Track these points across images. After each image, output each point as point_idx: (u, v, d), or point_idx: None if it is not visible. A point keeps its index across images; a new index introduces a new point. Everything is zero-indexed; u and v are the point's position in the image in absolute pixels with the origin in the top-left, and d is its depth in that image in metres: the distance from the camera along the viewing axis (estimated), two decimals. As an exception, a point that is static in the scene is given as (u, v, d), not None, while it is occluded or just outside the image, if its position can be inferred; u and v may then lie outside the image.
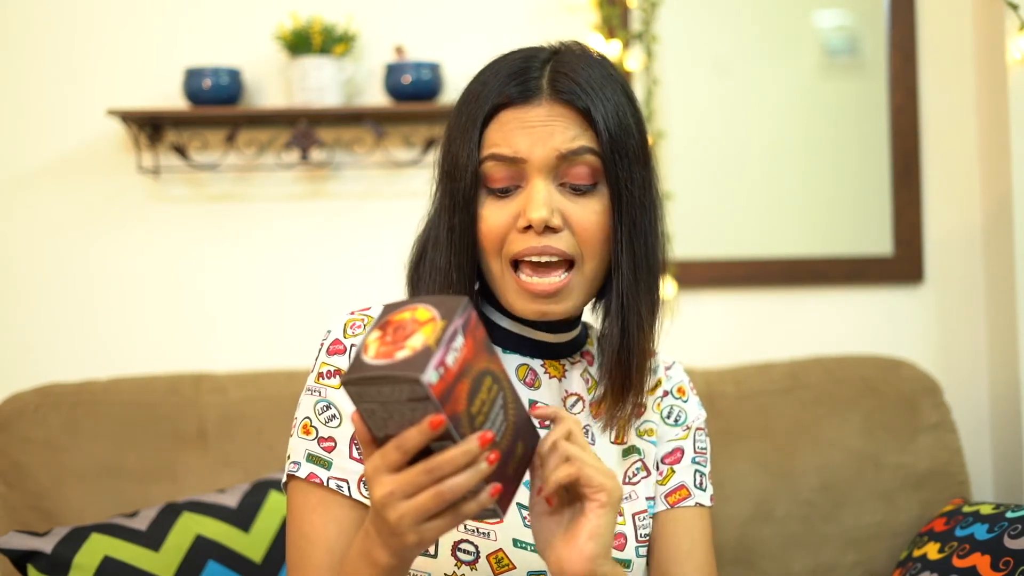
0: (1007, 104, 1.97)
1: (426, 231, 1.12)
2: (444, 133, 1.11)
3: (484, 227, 1.05)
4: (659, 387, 1.20)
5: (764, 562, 1.80)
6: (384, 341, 0.82)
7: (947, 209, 2.14)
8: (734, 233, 2.14)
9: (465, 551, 1.04)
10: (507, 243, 1.05)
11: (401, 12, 2.12)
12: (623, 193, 1.06)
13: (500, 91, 1.06)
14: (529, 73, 1.06)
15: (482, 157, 1.05)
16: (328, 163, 2.11)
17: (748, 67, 2.14)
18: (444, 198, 1.09)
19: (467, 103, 1.08)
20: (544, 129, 1.04)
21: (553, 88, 1.05)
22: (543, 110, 1.05)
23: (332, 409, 1.07)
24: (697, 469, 1.18)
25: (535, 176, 1.04)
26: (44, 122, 2.10)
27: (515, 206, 1.05)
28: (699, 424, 1.21)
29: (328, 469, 1.05)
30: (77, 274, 2.10)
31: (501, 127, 1.05)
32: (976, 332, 2.13)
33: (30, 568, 1.47)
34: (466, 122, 1.07)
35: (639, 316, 1.08)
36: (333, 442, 1.06)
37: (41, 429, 1.79)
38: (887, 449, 1.86)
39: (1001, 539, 1.47)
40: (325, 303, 2.10)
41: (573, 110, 1.05)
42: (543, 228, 1.02)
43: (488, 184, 1.06)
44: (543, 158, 1.03)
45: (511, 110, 1.05)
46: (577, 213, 1.05)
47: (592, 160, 1.05)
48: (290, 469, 1.07)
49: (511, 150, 1.04)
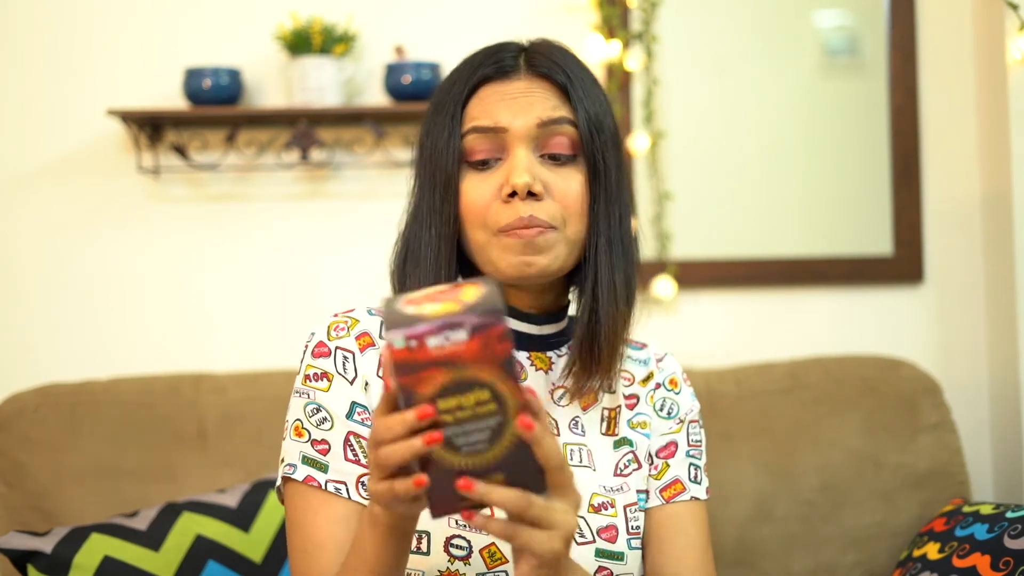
0: (1007, 104, 1.97)
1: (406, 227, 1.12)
2: (421, 128, 1.13)
3: (466, 200, 1.06)
4: (651, 379, 1.19)
5: (764, 562, 1.80)
6: (428, 297, 0.83)
7: (947, 209, 2.14)
8: (734, 233, 2.14)
9: (458, 546, 1.04)
10: (490, 214, 1.05)
11: (401, 12, 2.12)
12: (599, 167, 1.07)
13: (477, 70, 1.08)
14: (504, 54, 1.09)
15: (463, 132, 1.07)
16: (328, 163, 2.11)
17: (748, 67, 2.14)
18: (424, 185, 1.10)
19: (443, 91, 1.10)
20: (525, 99, 1.06)
21: (530, 64, 1.09)
22: (522, 83, 1.08)
23: (323, 412, 1.07)
24: (692, 462, 1.18)
25: (516, 145, 1.05)
26: (44, 122, 2.10)
27: (497, 177, 1.06)
28: (692, 416, 1.20)
29: (325, 472, 1.05)
30: (77, 274, 2.10)
31: (481, 102, 1.08)
32: (976, 332, 2.13)
33: (30, 568, 1.47)
34: (444, 105, 1.09)
35: (613, 287, 1.08)
36: (327, 445, 1.06)
37: (41, 429, 1.79)
38: (887, 449, 1.86)
39: (1001, 539, 1.47)
40: (325, 303, 2.10)
41: (551, 84, 1.08)
42: (526, 194, 1.03)
43: (469, 158, 1.07)
44: (524, 127, 1.05)
45: (490, 85, 1.08)
46: (558, 182, 1.06)
47: (571, 131, 1.07)
48: (285, 472, 1.07)
49: (492, 121, 1.06)
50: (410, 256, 1.10)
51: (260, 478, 1.73)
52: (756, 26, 2.15)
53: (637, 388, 1.18)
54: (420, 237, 1.09)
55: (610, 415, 1.16)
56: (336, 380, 1.08)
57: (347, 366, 1.09)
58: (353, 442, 1.06)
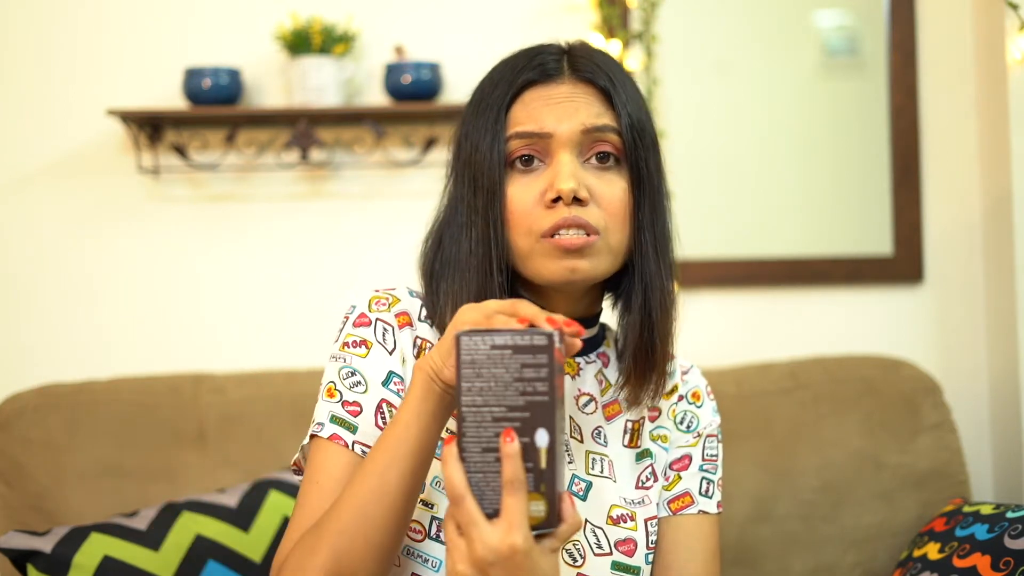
0: (1007, 104, 1.97)
1: (440, 226, 1.11)
2: (458, 128, 1.11)
3: (512, 205, 1.04)
4: (675, 392, 1.19)
5: (764, 562, 1.80)
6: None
7: (947, 209, 2.14)
8: (734, 233, 2.14)
9: None
10: (534, 220, 1.04)
11: (401, 12, 2.12)
12: (643, 174, 1.06)
13: (520, 74, 1.07)
14: (546, 56, 1.08)
15: (507, 136, 1.05)
16: (328, 163, 2.11)
17: (748, 67, 2.14)
18: (463, 187, 1.07)
19: (485, 93, 1.08)
20: (570, 104, 1.05)
21: (573, 68, 1.07)
22: (566, 87, 1.06)
23: (357, 376, 1.06)
24: (704, 476, 1.17)
25: (560, 150, 1.04)
26: (44, 122, 2.10)
27: (541, 182, 1.04)
28: (711, 431, 1.19)
29: (353, 433, 1.04)
30: (77, 274, 2.10)
31: (525, 106, 1.06)
32: (976, 332, 2.13)
33: (30, 568, 1.47)
34: (487, 108, 1.07)
35: (662, 296, 1.08)
36: (359, 407, 1.05)
37: (41, 429, 1.79)
38: (887, 449, 1.86)
39: (1001, 539, 1.47)
40: (325, 303, 2.10)
41: (595, 89, 1.06)
42: (571, 199, 1.02)
43: (512, 158, 1.05)
44: (569, 132, 1.04)
45: (534, 90, 1.06)
46: (602, 188, 1.05)
47: (614, 139, 1.06)
48: (313, 430, 1.05)
49: (537, 126, 1.04)
50: (445, 258, 1.08)
51: (260, 478, 1.73)
52: (756, 26, 2.15)
53: (660, 401, 1.17)
54: (458, 239, 1.07)
55: (634, 427, 1.15)
56: (375, 348, 1.08)
57: (387, 337, 1.09)
58: (385, 410, 1.05)
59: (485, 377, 0.84)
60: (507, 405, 0.84)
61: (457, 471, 0.83)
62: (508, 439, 0.82)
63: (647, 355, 1.09)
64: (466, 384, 0.84)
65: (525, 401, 0.84)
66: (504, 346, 0.84)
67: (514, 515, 0.82)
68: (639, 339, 1.08)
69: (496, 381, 0.84)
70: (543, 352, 0.84)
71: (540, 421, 0.84)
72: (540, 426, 0.83)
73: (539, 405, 0.84)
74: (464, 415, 0.83)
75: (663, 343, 1.09)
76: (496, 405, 0.84)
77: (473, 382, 0.84)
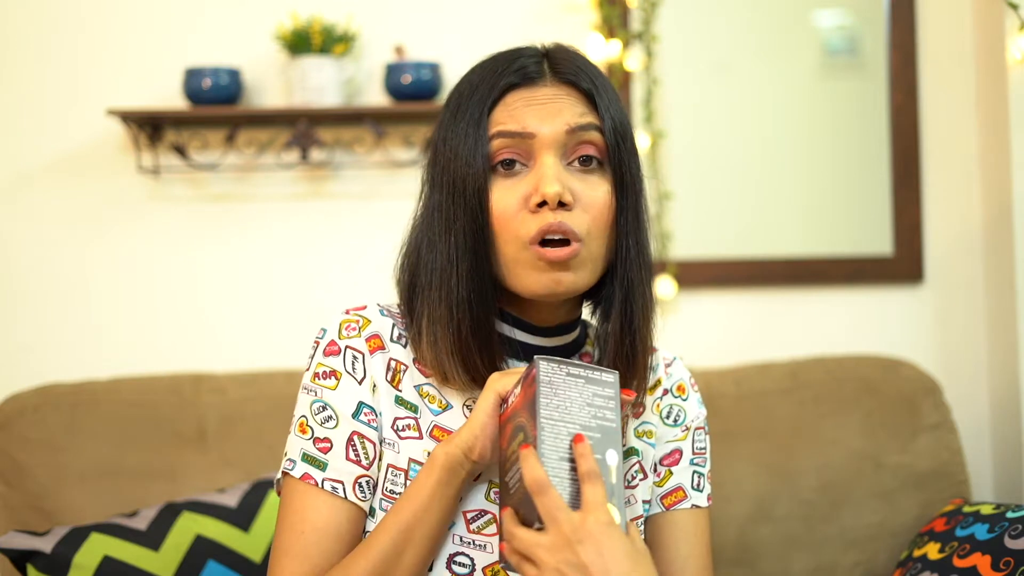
0: (1007, 104, 1.97)
1: (416, 237, 1.09)
2: (434, 133, 1.09)
3: (495, 210, 1.03)
4: (659, 386, 1.19)
5: (764, 562, 1.80)
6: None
7: (947, 209, 2.14)
8: (734, 233, 2.14)
9: (460, 564, 1.04)
10: (519, 225, 1.02)
11: (401, 12, 2.12)
12: (626, 178, 1.06)
13: (501, 78, 1.05)
14: (527, 60, 1.07)
15: (489, 136, 1.04)
16: (328, 163, 2.11)
17: (748, 67, 2.14)
18: (440, 194, 1.05)
19: (464, 98, 1.07)
20: (553, 105, 1.04)
21: (555, 71, 1.06)
22: (549, 89, 1.05)
23: (328, 410, 1.06)
24: (695, 470, 1.17)
25: (543, 153, 1.03)
26: (44, 122, 2.10)
27: (524, 186, 1.03)
28: (699, 423, 1.19)
29: (323, 470, 1.04)
30: (77, 274, 2.10)
31: (507, 108, 1.05)
32: (976, 332, 2.13)
33: (30, 568, 1.47)
34: (467, 112, 1.05)
35: (644, 300, 1.08)
36: (329, 443, 1.05)
37: (41, 429, 1.79)
38: (887, 449, 1.86)
39: (1002, 539, 1.47)
40: (325, 303, 2.10)
41: (577, 91, 1.06)
42: (556, 204, 1.01)
43: (494, 160, 1.04)
44: (553, 133, 1.03)
45: (516, 92, 1.05)
46: (586, 191, 1.04)
47: (597, 139, 1.05)
48: (285, 467, 1.06)
49: (519, 126, 1.03)
50: (423, 269, 1.06)
51: (260, 478, 1.73)
52: (756, 26, 2.15)
53: (644, 396, 1.17)
54: (436, 249, 1.05)
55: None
56: (344, 379, 1.07)
57: (356, 366, 1.08)
58: (356, 442, 1.05)
59: (561, 397, 0.92)
60: (581, 424, 0.91)
61: (538, 467, 0.88)
62: (582, 441, 0.90)
63: (628, 362, 1.08)
64: (544, 399, 0.91)
65: (597, 424, 0.92)
66: (578, 375, 0.93)
67: (596, 499, 0.87)
68: (619, 346, 1.08)
69: (571, 402, 0.92)
70: (611, 387, 0.94)
71: (610, 443, 0.91)
72: (610, 447, 0.91)
73: (609, 430, 0.92)
74: (542, 425, 0.90)
75: (644, 349, 1.09)
76: (571, 422, 0.91)
77: (551, 399, 0.91)
